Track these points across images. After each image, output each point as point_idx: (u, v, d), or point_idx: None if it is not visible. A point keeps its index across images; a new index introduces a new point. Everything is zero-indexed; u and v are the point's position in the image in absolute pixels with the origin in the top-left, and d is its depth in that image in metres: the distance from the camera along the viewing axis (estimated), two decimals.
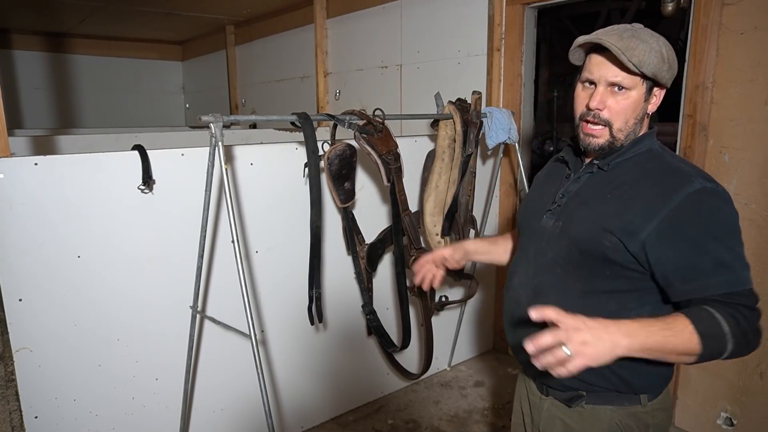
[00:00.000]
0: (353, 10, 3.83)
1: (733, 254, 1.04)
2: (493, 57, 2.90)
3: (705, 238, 1.03)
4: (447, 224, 2.28)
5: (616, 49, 1.06)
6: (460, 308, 2.96)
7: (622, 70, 1.09)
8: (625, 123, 1.12)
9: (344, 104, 4.04)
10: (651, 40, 1.09)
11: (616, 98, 1.11)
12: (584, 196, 1.17)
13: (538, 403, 1.31)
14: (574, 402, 1.21)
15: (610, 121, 1.12)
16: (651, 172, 1.11)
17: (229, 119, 1.68)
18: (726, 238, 1.04)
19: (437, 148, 2.29)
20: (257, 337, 1.63)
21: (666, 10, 2.43)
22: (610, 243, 1.09)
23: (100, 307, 1.83)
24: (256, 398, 2.05)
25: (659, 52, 1.07)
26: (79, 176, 1.73)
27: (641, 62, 1.06)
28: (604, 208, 1.12)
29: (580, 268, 1.15)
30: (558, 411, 1.25)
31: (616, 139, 1.13)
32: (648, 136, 1.16)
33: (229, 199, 1.61)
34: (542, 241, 1.22)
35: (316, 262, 1.94)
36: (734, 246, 1.05)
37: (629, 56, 1.05)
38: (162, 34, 6.01)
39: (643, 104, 1.13)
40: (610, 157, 1.15)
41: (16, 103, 5.63)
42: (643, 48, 1.06)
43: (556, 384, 1.23)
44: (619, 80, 1.09)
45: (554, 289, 1.18)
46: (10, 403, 1.74)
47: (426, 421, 2.54)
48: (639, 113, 1.13)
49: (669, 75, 1.11)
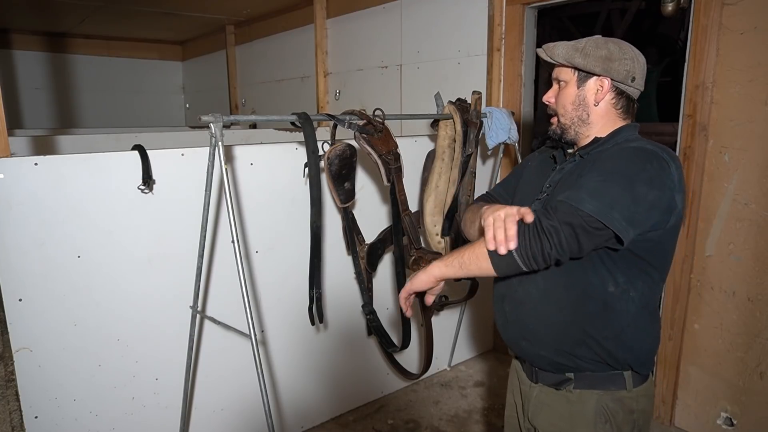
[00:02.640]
0: (353, 10, 3.83)
1: (602, 187, 1.10)
2: (493, 57, 2.90)
3: (594, 173, 1.14)
4: (447, 224, 2.28)
5: (540, 50, 1.31)
6: (460, 308, 2.96)
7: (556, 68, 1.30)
8: (563, 109, 1.30)
9: (344, 104, 4.04)
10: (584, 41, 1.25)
11: (558, 91, 1.32)
12: (563, 183, 1.26)
13: (528, 391, 1.36)
14: (562, 386, 1.28)
15: (555, 109, 1.32)
16: (614, 151, 1.21)
17: (229, 119, 1.68)
18: (612, 176, 1.11)
19: (437, 148, 2.29)
20: (257, 337, 1.63)
21: (666, 10, 2.43)
22: None
23: (100, 307, 1.83)
24: (256, 398, 2.05)
25: (574, 45, 1.25)
26: (79, 176, 1.73)
27: (553, 54, 1.27)
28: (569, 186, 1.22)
29: None
30: (546, 397, 1.31)
31: (563, 125, 1.31)
32: (627, 129, 1.27)
33: (229, 199, 1.61)
34: None
35: (316, 262, 1.94)
36: (612, 184, 1.10)
37: (548, 52, 1.28)
38: (162, 34, 6.01)
39: (578, 92, 1.27)
40: (591, 146, 1.26)
41: (16, 103, 5.63)
42: (561, 44, 1.27)
43: (546, 365, 1.29)
44: (556, 75, 1.31)
45: (541, 276, 1.24)
46: (10, 403, 1.74)
47: (426, 421, 2.54)
48: (575, 100, 1.28)
49: (586, 62, 1.23)
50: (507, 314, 1.34)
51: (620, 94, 1.26)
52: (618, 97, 1.27)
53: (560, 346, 1.25)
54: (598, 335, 1.21)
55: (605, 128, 1.28)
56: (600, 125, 1.28)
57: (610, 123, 1.28)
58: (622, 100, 1.27)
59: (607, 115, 1.27)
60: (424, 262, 2.17)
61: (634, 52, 1.25)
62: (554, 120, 1.34)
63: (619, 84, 1.25)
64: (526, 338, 1.30)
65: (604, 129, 1.28)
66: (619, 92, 1.26)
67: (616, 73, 1.23)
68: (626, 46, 1.25)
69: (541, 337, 1.27)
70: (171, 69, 6.69)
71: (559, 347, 1.25)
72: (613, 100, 1.27)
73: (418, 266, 2.16)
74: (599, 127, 1.28)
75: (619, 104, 1.27)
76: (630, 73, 1.23)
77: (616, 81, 1.24)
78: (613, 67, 1.22)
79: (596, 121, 1.28)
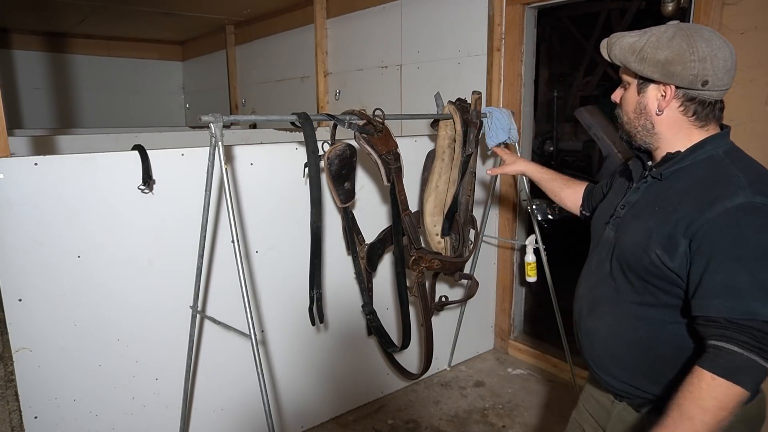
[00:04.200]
0: (353, 10, 3.83)
1: (752, 280, 0.95)
2: (493, 57, 2.90)
3: (725, 256, 0.97)
4: (447, 224, 2.28)
5: (603, 42, 1.16)
6: (460, 308, 2.96)
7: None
8: (626, 116, 1.18)
9: (344, 104, 4.03)
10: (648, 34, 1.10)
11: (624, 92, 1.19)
12: (638, 209, 1.15)
13: (609, 406, 1.30)
14: (644, 407, 1.20)
15: (619, 114, 1.20)
16: (700, 182, 1.05)
17: (229, 119, 1.68)
18: (751, 262, 0.96)
19: (437, 148, 2.29)
20: (257, 337, 1.63)
21: (666, 10, 2.43)
22: (651, 259, 1.07)
23: (100, 307, 1.83)
24: (256, 398, 2.05)
25: (632, 45, 1.10)
26: (79, 176, 1.73)
27: (610, 51, 1.14)
28: (649, 222, 1.10)
29: (629, 281, 1.15)
30: (629, 416, 1.23)
31: (628, 132, 1.19)
32: (710, 141, 1.09)
33: (229, 199, 1.61)
34: (603, 252, 1.23)
35: (316, 262, 1.94)
36: (759, 272, 0.95)
37: (608, 48, 1.15)
38: (162, 34, 6.01)
39: (638, 98, 1.14)
40: (665, 165, 1.12)
41: (16, 103, 5.63)
42: (621, 40, 1.12)
43: (623, 393, 1.22)
44: (621, 74, 1.18)
45: (608, 301, 1.18)
46: (10, 404, 1.74)
47: (426, 421, 2.54)
48: (636, 108, 1.15)
49: (642, 67, 1.08)
50: (581, 340, 1.28)
51: (691, 101, 1.08)
52: (688, 104, 1.08)
53: (634, 384, 1.18)
54: (675, 378, 1.10)
55: (677, 139, 1.11)
56: (669, 136, 1.12)
57: (681, 133, 1.11)
58: (694, 106, 1.08)
59: (676, 125, 1.11)
60: (424, 262, 2.17)
61: (709, 48, 1.03)
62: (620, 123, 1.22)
63: (686, 90, 1.07)
64: (600, 368, 1.23)
65: (675, 140, 1.12)
66: (689, 98, 1.08)
67: (680, 80, 1.05)
68: (699, 40, 1.04)
69: (614, 372, 1.20)
70: (171, 69, 6.69)
71: (632, 384, 1.18)
72: (681, 107, 1.09)
73: (418, 266, 2.16)
74: (669, 138, 1.12)
75: (690, 112, 1.09)
76: (699, 78, 1.04)
77: (681, 87, 1.07)
78: (675, 72, 1.05)
79: (663, 132, 1.12)
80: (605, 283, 1.21)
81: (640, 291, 1.13)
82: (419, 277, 2.18)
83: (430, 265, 2.20)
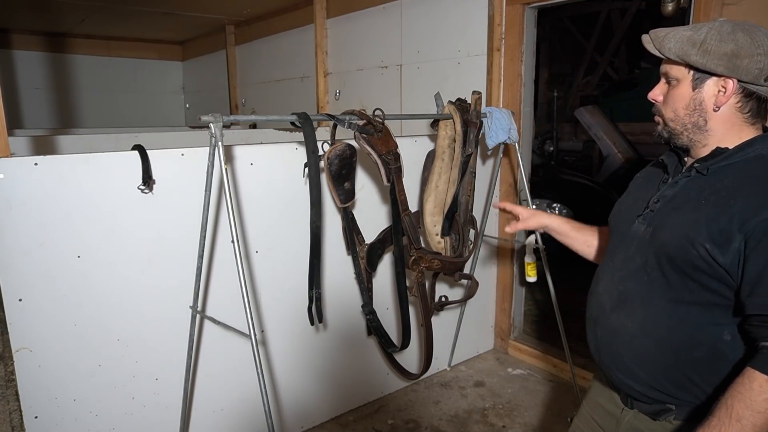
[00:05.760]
0: (353, 10, 3.83)
1: None
2: (493, 57, 2.90)
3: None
4: (447, 224, 2.28)
5: (647, 38, 1.10)
6: (460, 308, 2.96)
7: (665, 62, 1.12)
8: (674, 113, 1.12)
9: (344, 104, 4.04)
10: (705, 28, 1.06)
11: (667, 89, 1.14)
12: (678, 202, 1.11)
13: (618, 414, 1.26)
14: (661, 416, 1.16)
15: (660, 110, 1.15)
16: (755, 180, 1.02)
17: (229, 119, 1.68)
18: None
19: (437, 148, 2.29)
20: (257, 337, 1.63)
21: (666, 10, 2.43)
22: (699, 253, 1.03)
23: (100, 307, 1.83)
24: (256, 398, 2.05)
25: (691, 38, 1.05)
26: (79, 176, 1.73)
27: (662, 47, 1.08)
28: (696, 215, 1.05)
29: (666, 277, 1.10)
30: (641, 423, 1.20)
31: (672, 130, 1.14)
32: (760, 141, 1.07)
33: (229, 199, 1.61)
34: (631, 247, 1.18)
35: (316, 262, 1.94)
36: None
37: (656, 43, 1.09)
38: (162, 34, 6.01)
39: (693, 94, 1.09)
40: (712, 160, 1.08)
41: (16, 103, 5.63)
42: (674, 34, 1.07)
43: (641, 396, 1.17)
44: (665, 71, 1.13)
45: (639, 297, 1.14)
46: (10, 403, 1.74)
47: (426, 421, 2.54)
48: (690, 104, 1.09)
49: (705, 60, 1.04)
50: (599, 339, 1.22)
51: (749, 96, 1.06)
52: (746, 99, 1.06)
53: (657, 386, 1.13)
54: (703, 382, 1.08)
55: (727, 136, 1.08)
56: (721, 133, 1.09)
57: (733, 130, 1.08)
58: (751, 102, 1.06)
59: (730, 121, 1.08)
60: (424, 262, 2.17)
61: None
62: (658, 119, 1.16)
63: (748, 85, 1.04)
64: (619, 369, 1.18)
65: (726, 137, 1.08)
66: (747, 93, 1.06)
67: (746, 73, 1.02)
68: (760, 34, 1.03)
69: (636, 373, 1.15)
70: (171, 69, 6.69)
71: (655, 386, 1.13)
72: (739, 103, 1.06)
73: (417, 266, 2.16)
74: (720, 135, 1.09)
75: (746, 108, 1.07)
76: (764, 71, 1.01)
77: (744, 82, 1.04)
78: (742, 65, 1.02)
79: (716, 128, 1.09)
80: (635, 279, 1.15)
81: (676, 287, 1.09)
82: (419, 277, 2.18)
83: (430, 265, 2.20)
